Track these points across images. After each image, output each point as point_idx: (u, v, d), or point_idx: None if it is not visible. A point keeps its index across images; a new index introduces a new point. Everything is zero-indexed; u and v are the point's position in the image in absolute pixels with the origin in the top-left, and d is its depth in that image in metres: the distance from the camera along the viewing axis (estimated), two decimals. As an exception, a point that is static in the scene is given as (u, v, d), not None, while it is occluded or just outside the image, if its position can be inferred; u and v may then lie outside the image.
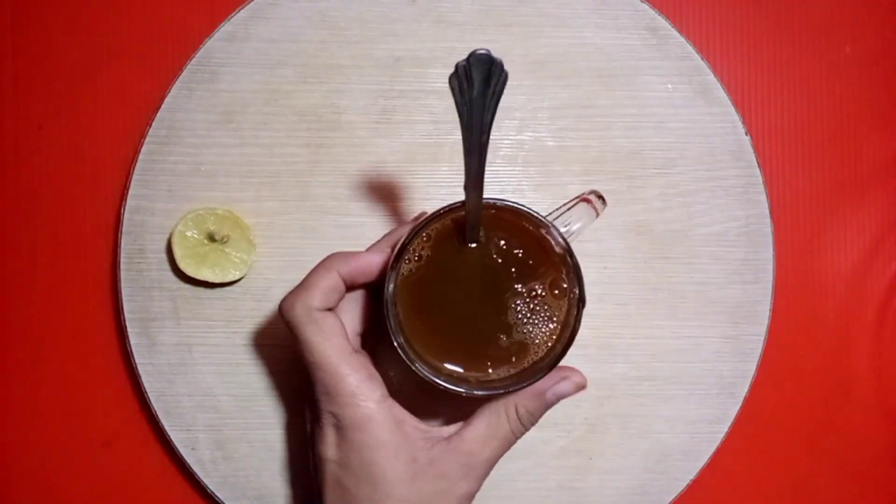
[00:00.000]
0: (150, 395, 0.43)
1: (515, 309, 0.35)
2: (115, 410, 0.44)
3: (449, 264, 0.35)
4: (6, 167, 0.44)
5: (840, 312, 0.46)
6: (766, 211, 0.44)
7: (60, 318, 0.44)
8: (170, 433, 0.43)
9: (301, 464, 0.43)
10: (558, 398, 0.37)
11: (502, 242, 0.35)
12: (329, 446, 0.35)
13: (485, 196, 0.34)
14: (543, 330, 0.35)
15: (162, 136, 0.43)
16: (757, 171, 0.44)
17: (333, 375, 0.34)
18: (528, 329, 0.35)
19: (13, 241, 0.44)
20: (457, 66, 0.29)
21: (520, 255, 0.35)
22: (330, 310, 0.36)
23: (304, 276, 0.43)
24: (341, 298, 0.37)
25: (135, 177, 0.43)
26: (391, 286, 0.34)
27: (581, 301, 0.34)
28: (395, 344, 0.34)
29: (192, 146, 0.43)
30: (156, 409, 0.43)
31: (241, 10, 0.43)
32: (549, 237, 0.35)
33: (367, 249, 0.37)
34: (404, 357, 0.34)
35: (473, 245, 0.35)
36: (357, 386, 0.34)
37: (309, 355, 0.35)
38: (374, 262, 0.36)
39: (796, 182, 0.46)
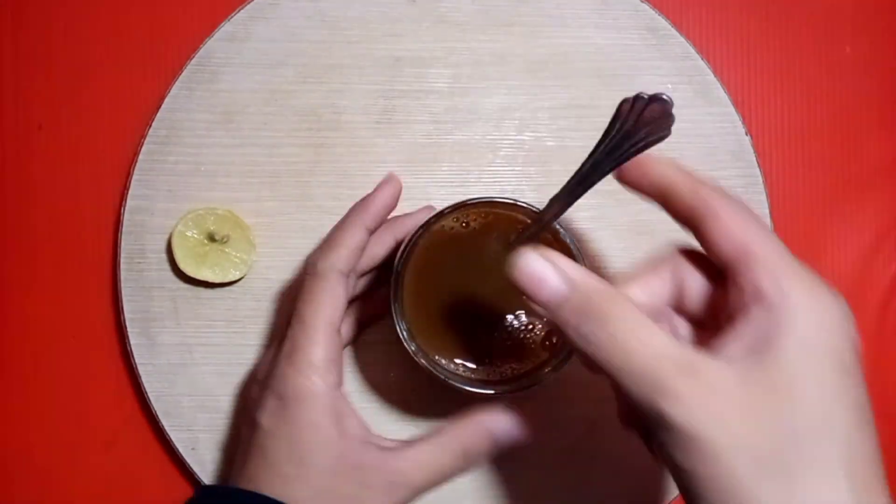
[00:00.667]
0: (150, 395, 0.43)
1: (506, 327, 0.36)
2: (115, 410, 0.44)
3: (480, 249, 0.36)
4: (6, 167, 0.44)
5: (840, 312, 0.46)
6: (767, 211, 0.44)
7: (60, 318, 0.44)
8: (170, 433, 0.43)
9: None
10: (507, 440, 0.35)
11: None
12: (266, 414, 0.34)
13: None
14: (510, 359, 0.36)
15: (162, 136, 0.43)
16: (757, 171, 0.44)
17: (308, 338, 0.34)
18: (502, 347, 0.36)
19: (13, 242, 0.44)
20: (638, 96, 0.28)
21: None
22: (348, 274, 0.36)
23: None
24: (363, 251, 0.37)
25: (135, 177, 0.43)
26: (422, 231, 0.35)
27: (553, 370, 0.35)
28: (395, 272, 0.34)
29: (192, 146, 0.43)
30: (156, 409, 0.43)
31: (241, 10, 0.43)
32: None
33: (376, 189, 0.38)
34: (392, 286, 0.34)
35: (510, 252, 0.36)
36: (320, 360, 0.34)
37: (302, 308, 0.35)
38: (390, 196, 0.36)
39: (796, 182, 0.46)
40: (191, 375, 0.43)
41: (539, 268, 0.27)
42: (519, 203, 0.35)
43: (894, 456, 0.45)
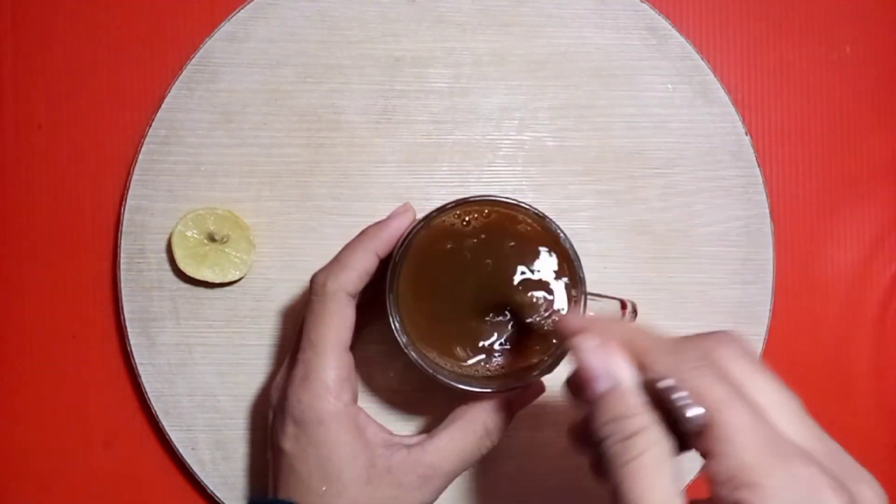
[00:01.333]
0: (150, 395, 0.43)
1: (499, 326, 0.36)
2: (115, 410, 0.44)
3: (479, 246, 0.36)
4: (6, 167, 0.44)
5: (840, 312, 0.46)
6: (766, 211, 0.44)
7: (60, 318, 0.44)
8: (170, 433, 0.43)
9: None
10: (522, 407, 0.37)
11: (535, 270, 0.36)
12: (288, 438, 0.35)
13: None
14: (500, 358, 0.36)
15: (162, 136, 0.43)
16: (757, 171, 0.44)
17: (319, 361, 0.35)
18: (493, 346, 0.36)
19: (13, 242, 0.44)
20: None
21: (541, 290, 0.36)
22: (355, 295, 0.36)
23: (303, 276, 0.43)
24: (371, 276, 0.37)
25: (135, 177, 0.43)
26: (422, 224, 0.35)
27: (541, 373, 0.35)
28: (392, 263, 0.35)
29: (192, 146, 0.43)
30: (156, 409, 0.43)
31: (241, 10, 0.43)
32: (574, 302, 0.35)
33: (393, 215, 0.37)
34: (388, 277, 0.34)
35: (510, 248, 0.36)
36: (333, 381, 0.35)
37: (312, 331, 0.35)
38: (404, 227, 0.36)
39: (796, 182, 0.46)
40: (190, 375, 0.43)
41: (598, 368, 0.28)
42: (520, 204, 0.35)
43: (895, 456, 0.46)
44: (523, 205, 0.35)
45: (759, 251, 0.44)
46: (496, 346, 0.36)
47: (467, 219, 0.36)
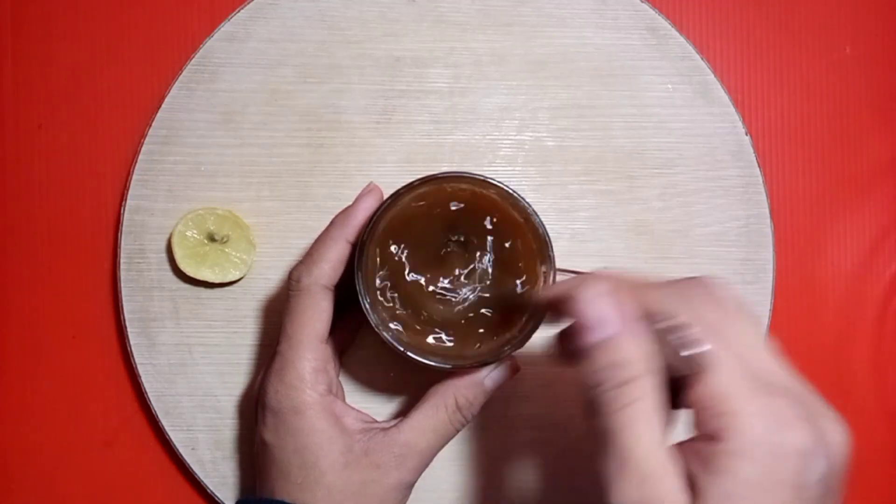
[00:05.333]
0: (150, 395, 0.43)
1: (470, 303, 0.36)
2: (115, 410, 0.44)
3: (449, 224, 0.36)
4: (6, 167, 0.44)
5: (840, 312, 0.46)
6: (766, 211, 0.44)
7: (60, 318, 0.44)
8: (170, 433, 0.43)
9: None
10: (496, 384, 0.37)
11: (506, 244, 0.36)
12: (268, 430, 0.36)
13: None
14: (471, 334, 0.36)
15: (162, 136, 0.43)
16: (757, 171, 0.44)
17: (295, 353, 0.36)
18: (465, 323, 0.36)
19: (13, 241, 0.44)
20: None
21: (512, 264, 0.36)
22: (331, 287, 0.37)
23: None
24: (345, 265, 0.37)
25: (135, 177, 0.43)
26: (390, 202, 0.35)
27: (513, 349, 0.35)
28: (360, 242, 0.35)
29: (192, 146, 0.43)
30: (156, 409, 0.43)
31: (241, 10, 0.43)
32: (544, 276, 0.36)
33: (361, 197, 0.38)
34: (356, 256, 0.35)
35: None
36: (308, 372, 0.36)
37: (288, 325, 0.36)
38: (372, 209, 0.37)
39: (796, 182, 0.46)
40: (190, 375, 0.43)
41: (604, 314, 0.27)
42: (489, 180, 0.35)
43: (895, 456, 0.45)
44: (492, 181, 0.35)
45: (759, 251, 0.44)
46: (468, 323, 0.36)
47: (435, 195, 0.36)
